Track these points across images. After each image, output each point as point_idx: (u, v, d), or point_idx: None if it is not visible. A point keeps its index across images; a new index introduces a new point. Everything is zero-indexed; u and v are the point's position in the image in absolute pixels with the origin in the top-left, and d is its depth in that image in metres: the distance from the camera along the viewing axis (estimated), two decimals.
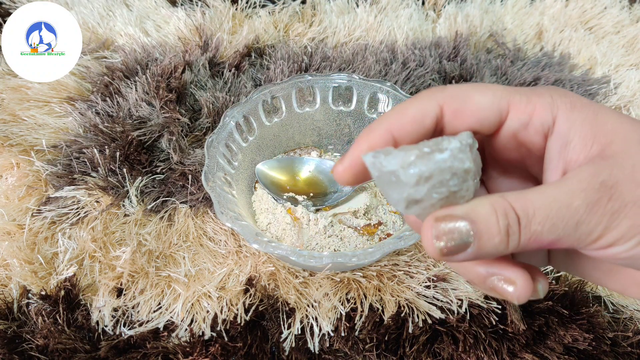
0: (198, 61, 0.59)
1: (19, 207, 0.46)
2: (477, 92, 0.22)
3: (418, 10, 0.71)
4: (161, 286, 0.41)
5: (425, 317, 0.39)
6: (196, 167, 0.49)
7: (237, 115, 0.46)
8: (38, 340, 0.38)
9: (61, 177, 0.48)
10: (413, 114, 0.22)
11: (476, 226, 0.19)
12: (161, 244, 0.44)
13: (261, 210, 0.46)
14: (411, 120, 0.22)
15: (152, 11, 0.67)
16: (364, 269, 0.42)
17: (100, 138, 0.50)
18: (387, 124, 0.22)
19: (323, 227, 0.44)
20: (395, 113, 0.22)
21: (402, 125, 0.22)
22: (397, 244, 0.37)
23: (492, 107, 0.21)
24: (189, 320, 0.39)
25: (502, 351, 0.38)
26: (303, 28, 0.67)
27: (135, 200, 0.47)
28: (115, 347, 0.38)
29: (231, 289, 0.41)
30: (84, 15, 0.65)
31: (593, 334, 0.38)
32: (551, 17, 0.71)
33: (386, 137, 0.22)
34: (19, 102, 0.55)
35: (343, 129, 0.52)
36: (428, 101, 0.22)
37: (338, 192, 0.48)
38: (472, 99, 0.22)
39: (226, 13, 0.66)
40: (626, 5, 0.73)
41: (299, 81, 0.49)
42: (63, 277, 0.41)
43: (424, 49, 0.64)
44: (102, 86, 0.57)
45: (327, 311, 0.40)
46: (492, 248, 0.20)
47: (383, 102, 0.49)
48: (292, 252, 0.36)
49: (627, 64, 0.65)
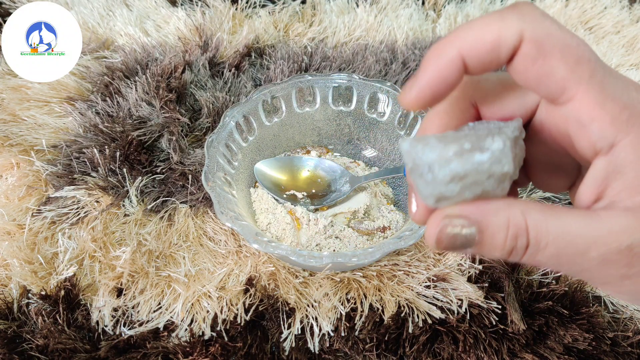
0: (198, 61, 0.59)
1: (19, 207, 0.46)
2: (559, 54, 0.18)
3: (418, 10, 0.71)
4: (161, 286, 0.41)
5: (425, 317, 0.39)
6: (196, 167, 0.49)
7: (237, 115, 0.46)
8: (38, 340, 0.38)
9: (61, 177, 0.48)
10: (491, 40, 0.18)
11: (482, 236, 0.19)
12: (161, 244, 0.44)
13: (261, 210, 0.46)
14: (488, 47, 0.18)
15: (152, 11, 0.67)
16: (364, 269, 0.42)
17: (100, 138, 0.50)
18: (459, 45, 0.19)
19: (323, 227, 0.44)
20: (472, 33, 0.19)
21: (476, 51, 0.19)
22: (397, 244, 0.37)
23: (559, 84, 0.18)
24: (189, 320, 0.39)
25: (502, 351, 0.38)
26: (303, 28, 0.67)
27: (135, 200, 0.47)
28: (115, 347, 0.38)
29: (231, 289, 0.41)
30: (84, 15, 0.65)
31: (593, 334, 0.38)
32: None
33: (457, 64, 0.19)
34: (19, 102, 0.55)
35: (343, 129, 0.52)
36: (512, 29, 0.18)
37: (337, 192, 0.48)
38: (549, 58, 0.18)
39: (226, 13, 0.66)
40: (626, 5, 0.73)
41: (299, 81, 0.49)
42: (63, 277, 0.41)
43: (424, 49, 0.64)
44: (102, 86, 0.57)
45: (327, 311, 0.40)
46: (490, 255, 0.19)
47: (383, 102, 0.49)
48: (292, 252, 0.36)
49: (627, 64, 0.65)
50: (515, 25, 0.18)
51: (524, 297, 0.41)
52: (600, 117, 0.18)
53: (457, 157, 0.18)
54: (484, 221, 0.18)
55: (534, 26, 0.18)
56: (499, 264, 0.42)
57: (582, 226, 0.18)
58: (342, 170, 0.49)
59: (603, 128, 0.18)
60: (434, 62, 0.19)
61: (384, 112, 0.49)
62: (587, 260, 0.18)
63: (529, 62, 0.18)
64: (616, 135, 0.18)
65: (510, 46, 0.18)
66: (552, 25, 0.18)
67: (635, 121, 0.17)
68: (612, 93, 0.18)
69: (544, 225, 0.18)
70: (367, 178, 0.47)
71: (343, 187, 0.48)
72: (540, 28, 0.18)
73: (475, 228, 0.18)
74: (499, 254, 0.19)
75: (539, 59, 0.18)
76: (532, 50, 0.18)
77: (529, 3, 0.19)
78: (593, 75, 0.18)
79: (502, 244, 0.18)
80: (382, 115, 0.50)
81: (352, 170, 0.51)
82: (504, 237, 0.18)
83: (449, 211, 0.19)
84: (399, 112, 0.49)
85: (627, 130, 0.17)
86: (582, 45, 0.18)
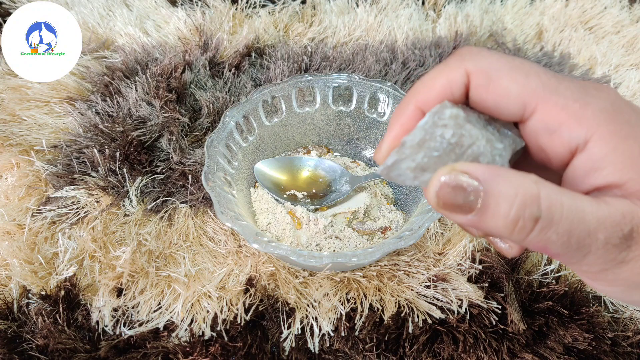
0: (198, 61, 0.59)
1: (19, 207, 0.46)
2: (507, 75, 0.19)
3: (418, 10, 0.71)
4: (161, 286, 0.41)
5: (425, 317, 0.39)
6: (196, 167, 0.49)
7: (237, 115, 0.46)
8: (38, 340, 0.38)
9: (61, 177, 0.48)
10: (441, 87, 0.20)
11: (487, 198, 0.17)
12: (161, 244, 0.44)
13: (261, 210, 0.46)
14: (440, 94, 0.20)
15: (152, 11, 0.67)
16: (364, 269, 0.42)
17: (100, 138, 0.50)
18: (415, 101, 0.21)
19: (323, 227, 0.44)
20: (423, 87, 0.21)
21: (430, 100, 0.21)
22: (397, 244, 0.37)
23: (517, 100, 0.19)
24: (189, 320, 0.39)
25: (502, 351, 0.38)
26: (303, 28, 0.67)
27: (135, 200, 0.47)
28: (115, 347, 0.38)
29: (231, 289, 0.41)
30: (84, 15, 0.65)
31: (593, 334, 0.38)
32: (551, 17, 0.71)
33: (416, 116, 0.21)
34: (19, 102, 0.55)
35: (343, 129, 0.52)
36: (456, 71, 0.20)
37: (337, 192, 0.48)
38: (498, 81, 0.19)
39: (226, 13, 0.66)
40: (626, 5, 0.73)
41: (299, 81, 0.49)
42: (63, 277, 0.41)
43: (424, 49, 0.64)
44: (102, 86, 0.57)
45: (327, 311, 0.40)
46: (492, 228, 0.18)
47: (383, 102, 0.49)
48: (292, 252, 0.36)
49: (627, 64, 0.65)
50: (458, 65, 0.20)
51: (524, 297, 0.41)
52: (566, 119, 0.18)
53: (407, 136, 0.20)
54: (491, 181, 0.18)
55: (475, 61, 0.20)
56: (499, 264, 0.42)
57: (593, 205, 0.18)
58: (342, 170, 0.49)
59: (572, 128, 0.18)
60: (397, 120, 0.22)
61: (384, 112, 0.49)
62: (594, 241, 0.17)
63: (482, 90, 0.20)
64: (586, 131, 0.18)
65: (460, 83, 0.20)
66: (493, 56, 0.20)
67: (600, 115, 0.18)
68: (570, 95, 0.18)
69: (558, 198, 0.17)
70: (367, 178, 0.47)
71: (343, 187, 0.48)
72: (482, 61, 0.20)
73: (482, 186, 0.17)
74: (502, 225, 0.18)
75: (489, 85, 0.19)
76: (480, 79, 0.19)
77: (468, 46, 0.21)
78: (546, 84, 0.19)
79: (507, 211, 0.17)
80: (382, 115, 0.50)
81: (352, 170, 0.51)
82: (510, 203, 0.17)
83: (457, 165, 0.18)
84: None
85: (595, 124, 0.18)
86: (527, 63, 0.19)
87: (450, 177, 0.18)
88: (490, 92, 0.19)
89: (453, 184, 0.18)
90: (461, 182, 0.18)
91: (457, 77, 0.20)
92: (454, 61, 0.20)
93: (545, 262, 0.43)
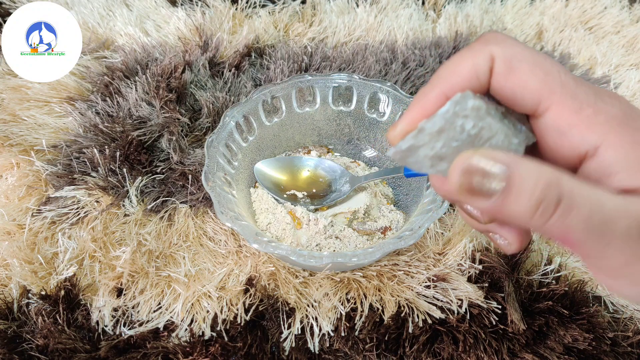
0: (198, 61, 0.59)
1: (19, 207, 0.46)
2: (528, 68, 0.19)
3: (418, 10, 0.71)
4: (161, 286, 0.41)
5: (425, 317, 0.39)
6: (196, 167, 0.49)
7: (237, 115, 0.46)
8: (38, 340, 0.38)
9: (61, 177, 0.48)
10: (466, 73, 0.20)
11: (511, 181, 0.18)
12: (161, 244, 0.44)
13: (261, 210, 0.46)
14: (465, 79, 0.20)
15: (152, 11, 0.67)
16: (364, 269, 0.42)
17: (100, 138, 0.50)
18: (440, 86, 0.21)
19: (323, 227, 0.44)
20: (449, 72, 0.21)
21: (456, 86, 0.20)
22: (397, 244, 0.37)
23: (533, 95, 0.19)
24: (189, 320, 0.39)
25: (502, 351, 0.38)
26: (303, 28, 0.67)
27: (135, 200, 0.47)
28: (115, 347, 0.38)
29: (231, 289, 0.41)
30: (84, 15, 0.65)
31: (593, 334, 0.38)
32: (551, 17, 0.71)
33: (439, 100, 0.21)
34: (19, 102, 0.55)
35: (343, 129, 0.52)
36: (481, 55, 0.20)
37: (337, 192, 0.48)
38: (519, 72, 0.19)
39: (226, 13, 0.66)
40: (626, 5, 0.73)
41: (299, 81, 0.49)
42: (63, 277, 0.41)
43: (424, 49, 0.64)
44: (102, 86, 0.57)
45: (327, 311, 0.40)
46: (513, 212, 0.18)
47: (383, 102, 0.49)
48: (292, 252, 0.36)
49: (627, 64, 0.65)
50: (483, 50, 0.20)
51: (524, 297, 0.41)
52: (578, 122, 0.19)
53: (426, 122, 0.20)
54: (515, 165, 0.18)
55: (501, 48, 0.20)
56: (499, 264, 0.42)
57: (612, 196, 0.18)
58: (342, 170, 0.49)
59: (582, 133, 0.19)
60: (418, 103, 0.21)
61: (384, 112, 0.49)
62: (614, 230, 0.17)
63: (502, 78, 0.20)
64: (597, 138, 0.18)
65: (485, 69, 0.20)
66: (518, 46, 0.20)
67: (612, 122, 0.18)
68: (585, 100, 0.19)
69: (578, 186, 0.18)
70: (367, 178, 0.47)
71: (343, 187, 0.48)
72: (507, 48, 0.20)
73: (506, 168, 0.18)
74: (524, 208, 0.18)
75: (510, 74, 0.19)
76: (502, 67, 0.20)
77: (494, 31, 0.21)
78: (564, 85, 0.19)
79: (532, 192, 0.17)
80: (382, 115, 0.50)
81: (352, 170, 0.51)
82: (534, 185, 0.17)
83: (480, 150, 0.19)
84: (399, 112, 0.49)
85: (607, 131, 0.18)
86: (550, 60, 0.19)
87: (474, 161, 0.18)
88: (509, 81, 0.20)
89: (477, 168, 0.18)
90: (486, 166, 0.18)
91: (482, 62, 0.20)
92: (478, 45, 0.20)
93: (545, 262, 0.43)
